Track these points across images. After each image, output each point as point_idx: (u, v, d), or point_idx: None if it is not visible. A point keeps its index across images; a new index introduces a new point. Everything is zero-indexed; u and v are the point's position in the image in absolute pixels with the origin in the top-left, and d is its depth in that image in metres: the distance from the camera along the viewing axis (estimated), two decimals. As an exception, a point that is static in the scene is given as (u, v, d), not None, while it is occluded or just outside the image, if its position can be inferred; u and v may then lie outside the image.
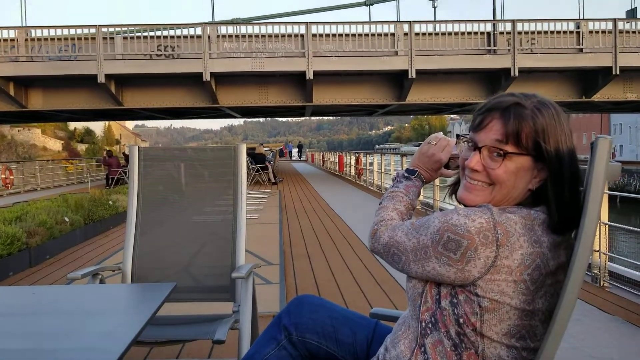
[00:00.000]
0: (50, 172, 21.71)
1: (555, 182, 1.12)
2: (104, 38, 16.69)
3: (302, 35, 17.18)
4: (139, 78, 17.48)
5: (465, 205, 1.20)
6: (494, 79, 17.89)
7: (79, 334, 1.29)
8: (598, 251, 4.12)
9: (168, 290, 1.56)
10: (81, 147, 53.30)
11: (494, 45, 17.44)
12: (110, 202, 8.15)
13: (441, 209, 8.71)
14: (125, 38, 17.36)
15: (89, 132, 57.46)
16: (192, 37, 17.33)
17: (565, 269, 1.11)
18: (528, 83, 17.51)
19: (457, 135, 1.30)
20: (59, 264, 5.49)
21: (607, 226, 4.26)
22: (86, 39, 16.86)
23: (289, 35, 17.24)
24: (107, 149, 25.80)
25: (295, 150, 60.86)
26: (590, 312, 3.48)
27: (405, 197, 1.38)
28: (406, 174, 1.42)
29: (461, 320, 1.12)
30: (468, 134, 1.22)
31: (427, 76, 17.61)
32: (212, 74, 16.53)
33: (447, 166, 1.41)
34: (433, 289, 1.17)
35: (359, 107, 20.93)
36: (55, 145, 48.21)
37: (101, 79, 16.33)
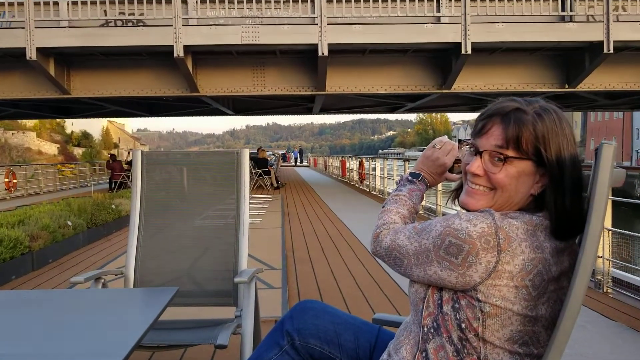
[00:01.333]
0: (47, 176, 20.79)
1: (556, 187, 1.12)
2: (37, 3, 11.39)
3: (312, -1, 11.93)
4: (89, 56, 12.73)
5: (467, 210, 1.20)
6: (573, 58, 12.81)
7: (81, 338, 1.29)
8: (602, 257, 4.11)
9: (170, 294, 1.56)
10: (78, 151, 52.94)
11: (570, 11, 11.84)
12: (113, 206, 8.16)
13: (444, 214, 8.72)
14: (69, 4, 11.67)
15: (86, 135, 57.30)
16: (159, 2, 11.97)
17: (568, 275, 1.10)
18: (617, 65, 12.85)
19: (459, 140, 1.30)
20: (62, 268, 5.49)
21: (610, 232, 4.25)
22: (20, 3, 11.60)
23: (295, 0, 11.85)
24: (111, 152, 25.81)
25: (292, 155, 59.58)
26: (593, 319, 3.46)
27: (408, 200, 1.38)
28: (410, 178, 1.42)
29: (463, 326, 1.11)
30: (470, 139, 1.22)
31: (483, 55, 12.64)
32: (187, 49, 11.56)
33: (451, 170, 1.41)
34: (435, 293, 1.17)
35: (386, 97, 16.46)
36: (51, 149, 47.92)
37: (31, 54, 11.16)
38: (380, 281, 4.59)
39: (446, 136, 1.45)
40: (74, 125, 58.28)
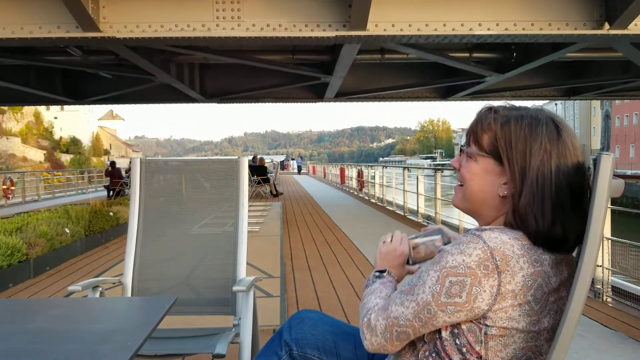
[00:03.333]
0: (32, 184, 19.65)
1: (519, 193, 1.10)
2: None
3: None
4: None
5: (456, 206, 1.23)
6: None
7: (78, 348, 1.28)
8: (601, 266, 4.10)
9: (169, 303, 1.55)
10: (65, 158, 51.91)
11: None
12: (111, 214, 8.15)
13: (443, 222, 8.65)
14: None
15: (75, 141, 56.37)
16: None
17: (567, 285, 1.10)
18: None
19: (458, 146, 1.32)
20: (59, 276, 5.47)
21: (609, 241, 4.25)
22: None
23: None
24: (111, 160, 25.71)
25: (294, 162, 56.57)
26: (592, 328, 3.45)
27: (384, 289, 1.30)
28: (377, 274, 1.36)
29: (464, 350, 1.09)
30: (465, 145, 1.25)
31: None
32: None
33: (410, 262, 1.39)
34: None
35: (462, 60, 9.73)
36: (37, 155, 46.97)
37: None
38: (379, 289, 4.58)
39: (396, 231, 1.44)
40: (63, 130, 57.72)
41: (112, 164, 19.49)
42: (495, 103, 1.21)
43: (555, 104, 75.17)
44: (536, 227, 1.08)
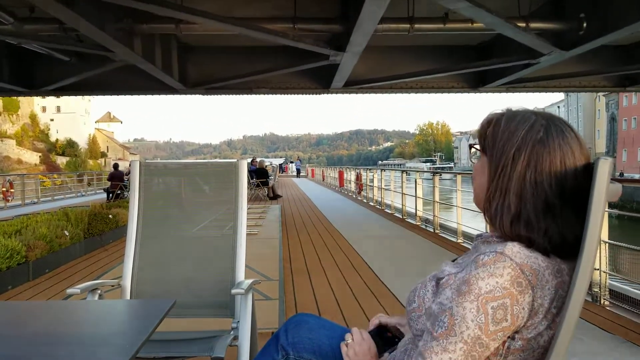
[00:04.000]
0: (29, 187, 19.40)
1: (489, 184, 1.12)
2: None
3: None
4: None
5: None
6: None
7: (76, 351, 1.28)
8: (598, 269, 4.11)
9: (167, 306, 1.55)
10: (61, 160, 51.53)
11: None
12: (111, 216, 8.14)
13: (441, 225, 8.58)
14: None
15: (71, 143, 55.98)
16: None
17: None
18: None
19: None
20: (58, 278, 5.47)
21: (607, 244, 4.25)
22: None
23: None
24: (115, 162, 25.62)
25: (292, 165, 55.48)
26: (590, 331, 3.46)
27: None
28: None
29: None
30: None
31: None
32: None
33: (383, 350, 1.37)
34: None
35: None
36: (32, 157, 46.68)
37: None
38: (376, 292, 4.58)
39: (355, 328, 1.41)
40: (59, 132, 57.56)
41: (115, 166, 19.42)
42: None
43: (558, 107, 75.35)
44: (499, 224, 1.10)
